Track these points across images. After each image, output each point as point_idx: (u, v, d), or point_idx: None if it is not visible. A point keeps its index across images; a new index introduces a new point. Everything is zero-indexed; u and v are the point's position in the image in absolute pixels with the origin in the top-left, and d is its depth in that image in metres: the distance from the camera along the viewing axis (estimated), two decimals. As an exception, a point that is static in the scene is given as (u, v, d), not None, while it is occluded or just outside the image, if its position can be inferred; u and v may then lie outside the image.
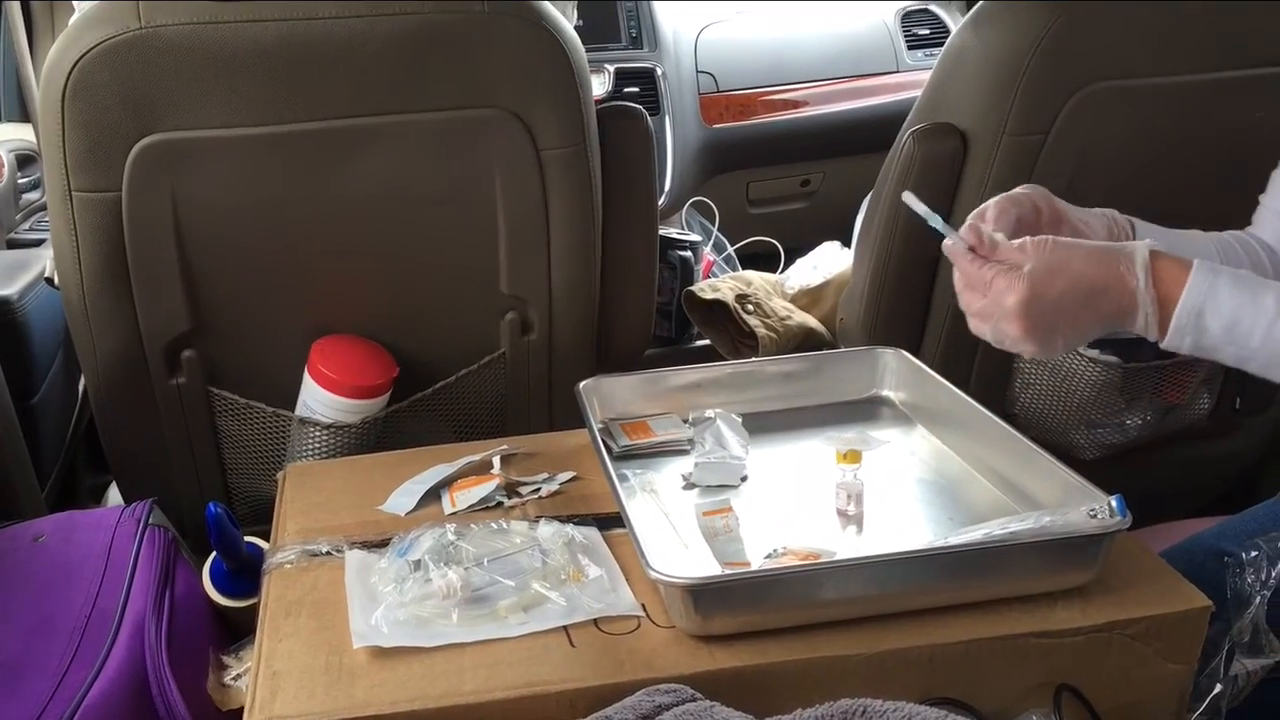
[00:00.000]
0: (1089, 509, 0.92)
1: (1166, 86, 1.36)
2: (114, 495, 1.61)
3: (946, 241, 0.98)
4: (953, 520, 1.02)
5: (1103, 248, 0.95)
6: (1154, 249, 0.94)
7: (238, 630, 1.13)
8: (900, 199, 1.02)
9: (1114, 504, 0.91)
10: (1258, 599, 0.96)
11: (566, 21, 1.32)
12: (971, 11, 1.45)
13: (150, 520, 1.17)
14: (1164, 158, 1.25)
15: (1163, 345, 0.94)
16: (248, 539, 1.14)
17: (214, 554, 1.13)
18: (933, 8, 2.77)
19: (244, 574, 1.12)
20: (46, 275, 1.36)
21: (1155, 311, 0.93)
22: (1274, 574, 0.96)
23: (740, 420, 1.14)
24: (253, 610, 1.00)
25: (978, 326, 0.98)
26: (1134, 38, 1.33)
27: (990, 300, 0.95)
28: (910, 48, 2.68)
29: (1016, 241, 0.95)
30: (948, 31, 2.65)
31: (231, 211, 1.26)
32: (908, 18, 2.72)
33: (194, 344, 1.32)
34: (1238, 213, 1.19)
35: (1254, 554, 0.97)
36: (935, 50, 2.50)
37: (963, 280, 0.98)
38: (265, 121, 1.22)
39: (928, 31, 2.71)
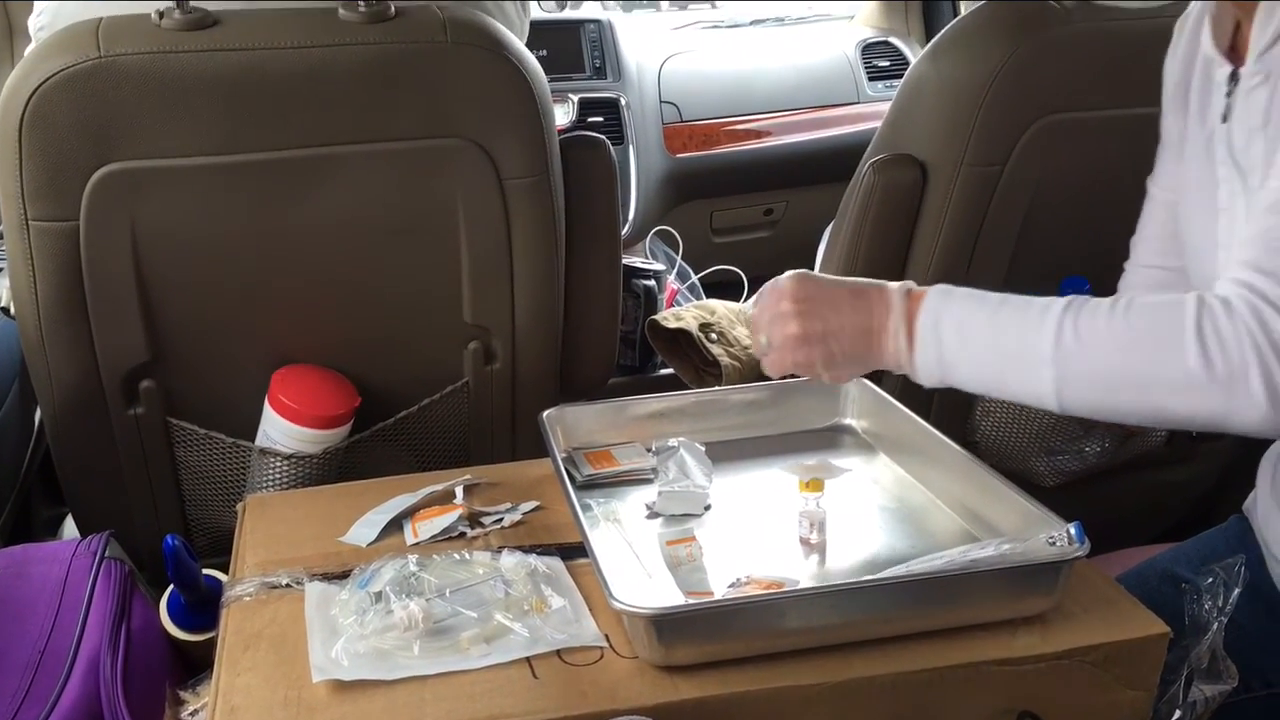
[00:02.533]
0: (1048, 536, 0.92)
1: (1119, 119, 1.39)
2: (70, 528, 1.59)
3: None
4: (915, 548, 1.03)
5: None
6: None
7: (196, 665, 1.12)
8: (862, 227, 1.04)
9: (1073, 531, 0.92)
10: (1215, 625, 0.97)
11: (528, 51, 1.33)
12: (930, 44, 1.47)
13: (107, 553, 1.15)
14: (1118, 189, 1.27)
15: (916, 370, 0.94)
16: (206, 571, 1.13)
17: (171, 587, 1.12)
18: (893, 40, 2.81)
19: (202, 607, 1.11)
20: (2, 305, 1.35)
21: (904, 332, 0.94)
22: (1231, 600, 0.97)
23: (704, 449, 1.14)
24: (211, 644, 0.99)
25: (762, 344, 1.00)
26: (1087, 71, 1.36)
27: (766, 304, 0.98)
28: (871, 79, 2.72)
29: None
30: (907, 63, 2.69)
31: (191, 241, 1.25)
32: (868, 49, 2.76)
33: (153, 374, 1.30)
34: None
35: (1210, 580, 0.98)
36: (895, 81, 2.53)
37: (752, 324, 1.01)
38: (226, 151, 1.21)
39: (888, 63, 2.75)
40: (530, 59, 1.32)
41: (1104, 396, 0.87)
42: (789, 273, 0.99)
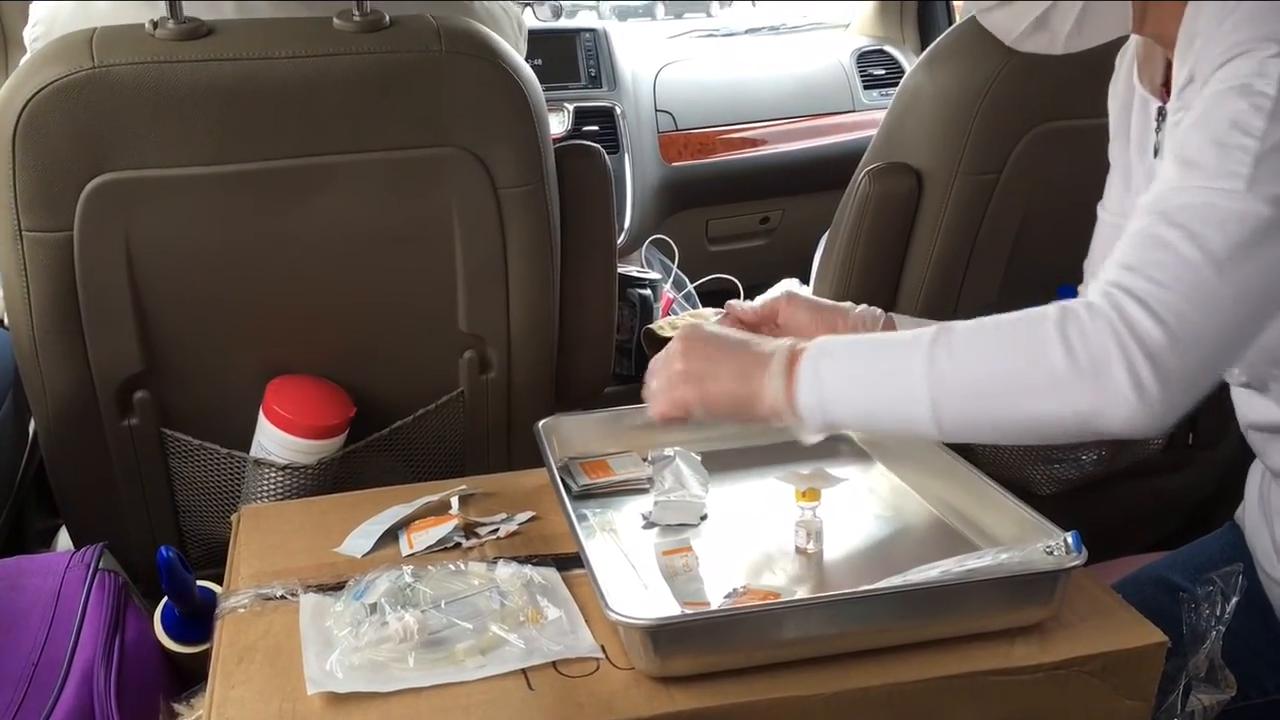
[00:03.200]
0: (1045, 545, 0.92)
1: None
2: (64, 539, 1.58)
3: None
4: (911, 557, 1.02)
5: None
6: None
7: (190, 677, 1.11)
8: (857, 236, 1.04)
9: (1069, 540, 0.91)
10: (1213, 634, 0.97)
11: (523, 60, 1.33)
12: (925, 53, 1.47)
13: (100, 565, 1.15)
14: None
15: (797, 402, 0.91)
16: (201, 583, 1.12)
17: (165, 599, 1.11)
18: (888, 48, 2.82)
19: (196, 619, 1.10)
20: (-4, 315, 1.34)
21: (781, 370, 0.92)
22: (1229, 609, 0.97)
23: (699, 459, 1.14)
24: (206, 656, 0.98)
25: (651, 388, 1.00)
26: (1081, 79, 1.36)
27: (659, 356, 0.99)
28: (866, 87, 2.72)
29: None
30: (902, 71, 2.70)
31: (185, 251, 1.25)
32: (863, 58, 2.76)
33: (147, 385, 1.30)
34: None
35: (1209, 589, 0.98)
36: (891, 90, 2.53)
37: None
38: (220, 161, 1.21)
39: (883, 71, 2.76)
40: (525, 68, 1.32)
41: (978, 408, 0.86)
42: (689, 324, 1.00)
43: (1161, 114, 1.01)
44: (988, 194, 1.40)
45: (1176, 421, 0.82)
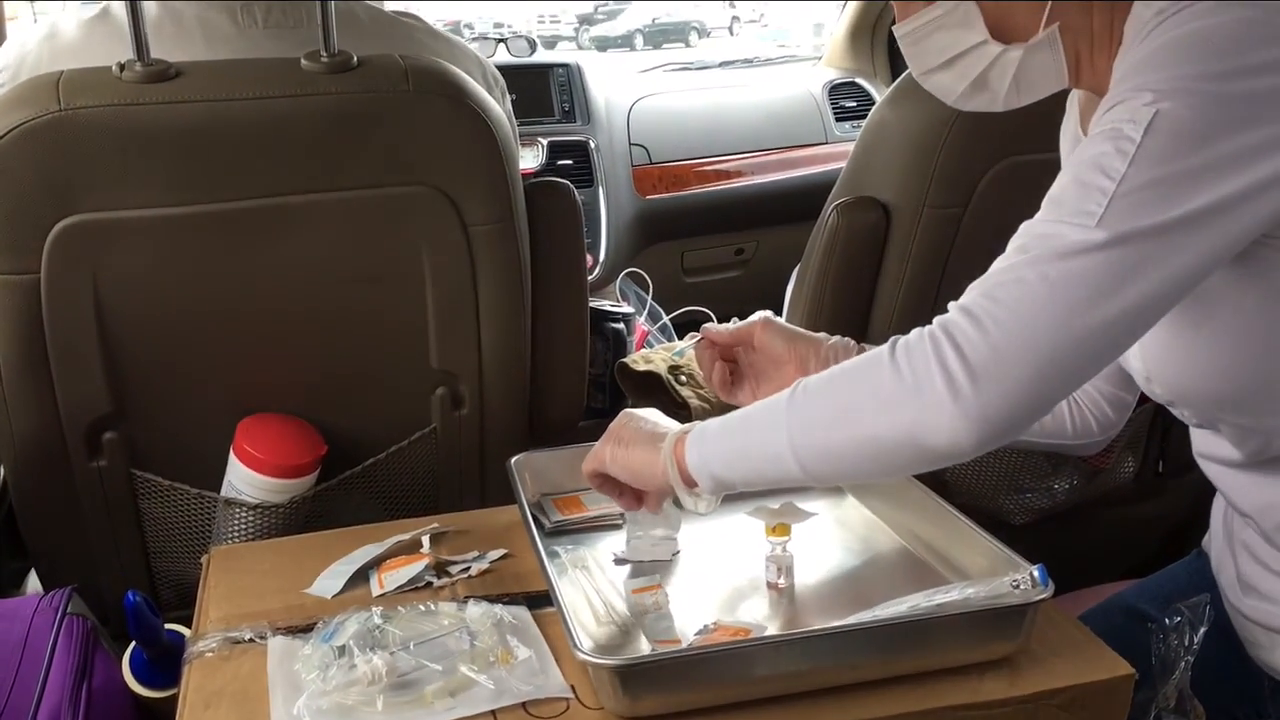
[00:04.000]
0: (1012, 579, 0.92)
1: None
2: (34, 581, 1.57)
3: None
4: (882, 591, 1.02)
5: None
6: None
7: (159, 722, 1.10)
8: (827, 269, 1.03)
9: (1036, 574, 0.92)
10: (1182, 664, 0.98)
11: (491, 99, 1.33)
12: (890, 89, 1.49)
13: (69, 609, 1.14)
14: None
15: (687, 461, 0.96)
16: (169, 626, 1.11)
17: (134, 643, 1.10)
18: (859, 80, 2.84)
19: (165, 663, 1.10)
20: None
21: (676, 439, 0.97)
22: (1197, 639, 0.97)
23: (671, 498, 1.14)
24: (174, 701, 0.97)
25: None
26: (1045, 113, 1.37)
27: None
28: (838, 119, 2.74)
29: None
30: (874, 103, 2.71)
31: (154, 292, 1.25)
32: (835, 90, 2.79)
33: (116, 426, 1.29)
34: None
35: (1177, 619, 0.98)
36: (862, 122, 2.56)
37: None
38: (188, 201, 1.21)
39: (855, 103, 2.78)
40: (493, 106, 1.32)
41: (824, 440, 0.88)
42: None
43: None
44: (954, 227, 1.41)
45: (1002, 440, 0.83)
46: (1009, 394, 0.82)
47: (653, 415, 1.04)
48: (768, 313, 1.21)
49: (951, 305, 0.86)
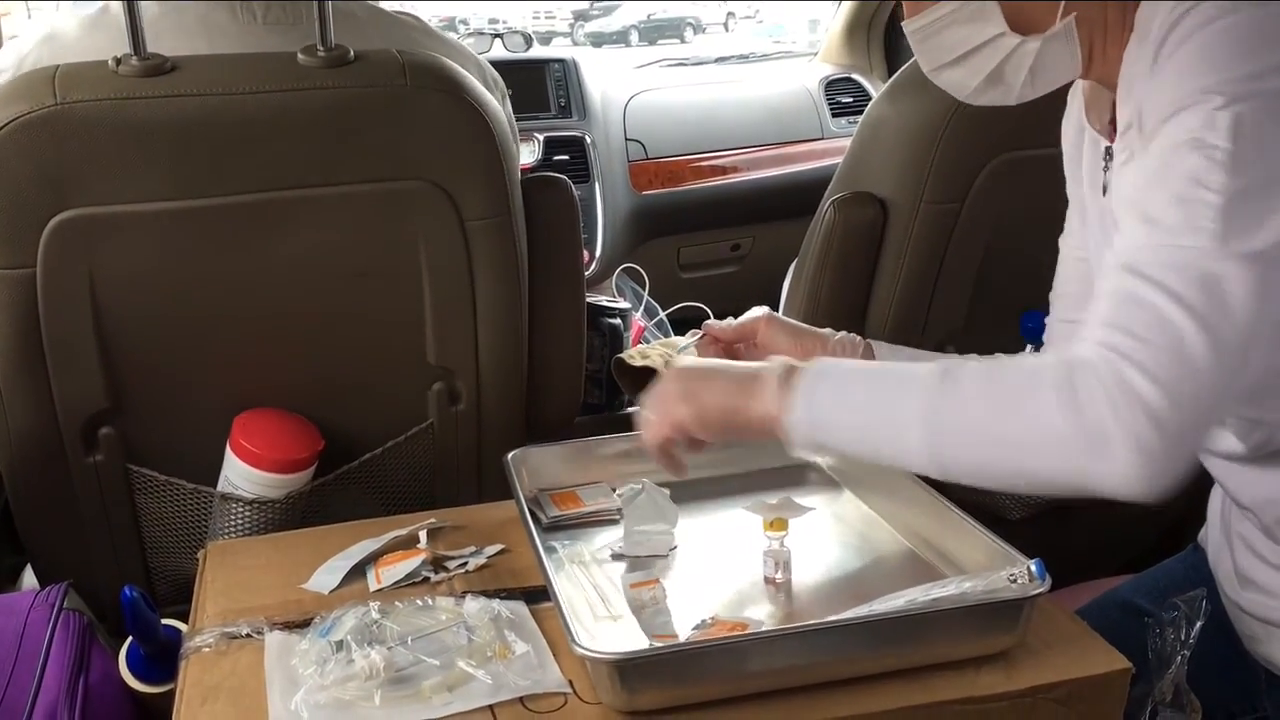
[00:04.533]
0: (1009, 573, 0.92)
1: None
2: (29, 577, 1.57)
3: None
4: (879, 585, 1.02)
5: None
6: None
7: (156, 717, 1.10)
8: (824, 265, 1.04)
9: (1033, 568, 0.92)
10: (1178, 658, 0.98)
11: (488, 93, 1.33)
12: (887, 84, 1.49)
13: (65, 604, 1.14)
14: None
15: (787, 420, 0.93)
16: (166, 622, 1.11)
17: (130, 638, 1.10)
18: (855, 76, 2.84)
19: (162, 658, 1.09)
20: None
21: (775, 384, 0.93)
22: (1193, 633, 0.97)
23: (668, 492, 1.14)
24: (171, 696, 0.97)
25: (648, 420, 1.00)
26: (1041, 109, 1.37)
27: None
28: (834, 115, 2.74)
29: None
30: (870, 99, 2.72)
31: (150, 287, 1.25)
32: (831, 85, 2.79)
33: (112, 421, 1.29)
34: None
35: (1173, 613, 0.98)
36: (858, 117, 2.56)
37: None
38: (184, 196, 1.21)
39: (851, 99, 2.78)
40: (490, 101, 1.32)
41: (977, 457, 0.87)
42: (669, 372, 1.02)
43: (1109, 153, 1.03)
44: (951, 222, 1.41)
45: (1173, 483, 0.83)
46: (1190, 443, 0.82)
47: (704, 361, 1.01)
48: (767, 309, 1.21)
49: (1103, 344, 0.83)
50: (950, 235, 1.42)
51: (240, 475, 1.31)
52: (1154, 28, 0.90)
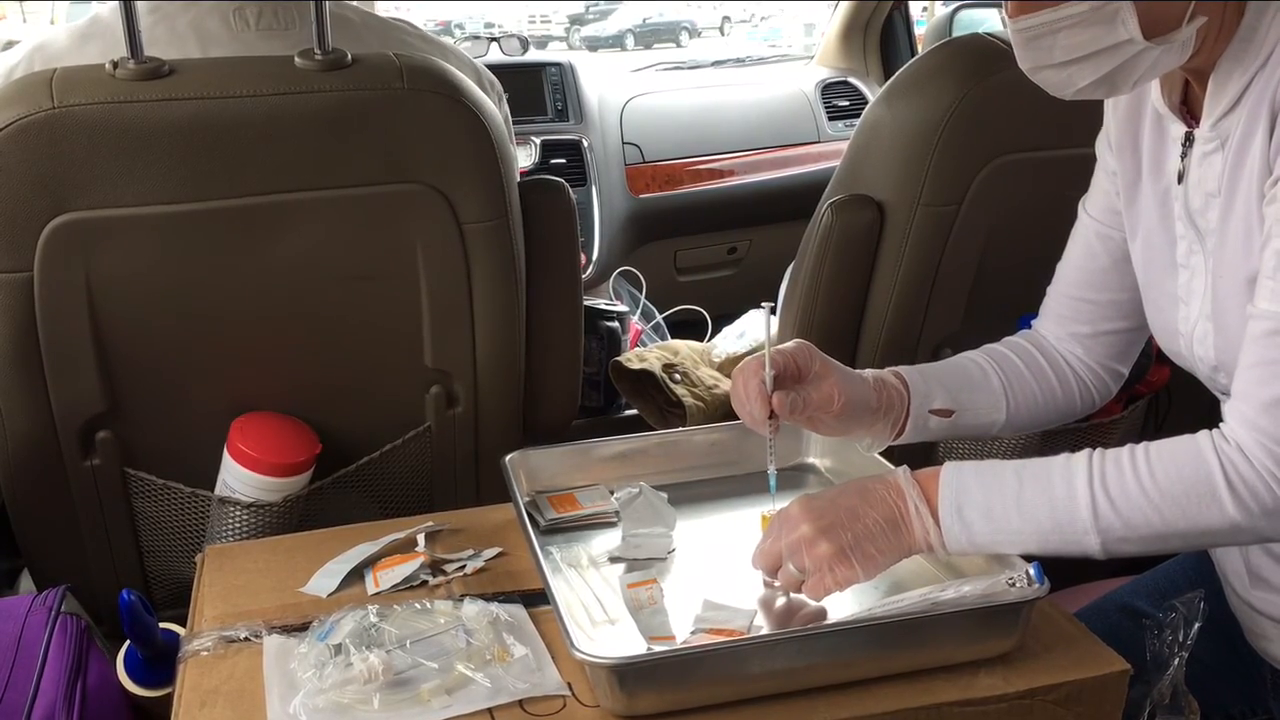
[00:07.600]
0: (1008, 577, 0.92)
1: (1070, 159, 1.40)
2: (27, 581, 1.57)
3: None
4: (877, 589, 1.03)
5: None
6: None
7: (153, 721, 1.10)
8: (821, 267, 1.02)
9: (1032, 572, 0.92)
10: (1177, 660, 0.98)
11: (485, 97, 1.33)
12: (884, 87, 1.49)
13: (63, 608, 1.13)
14: (1071, 227, 1.28)
15: (948, 549, 0.97)
16: (164, 626, 1.11)
17: (128, 642, 1.10)
18: (852, 79, 2.85)
19: (160, 662, 1.09)
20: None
21: (926, 512, 0.96)
22: (1191, 635, 0.97)
23: (666, 496, 1.14)
24: (169, 700, 0.97)
25: (783, 568, 0.99)
26: (1038, 112, 1.38)
27: (780, 535, 0.99)
28: (831, 118, 2.75)
29: None
30: (866, 102, 2.72)
31: (148, 290, 1.25)
32: (828, 89, 2.79)
33: (109, 425, 1.29)
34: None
35: (1172, 615, 0.98)
36: (854, 120, 2.56)
37: (762, 561, 1.01)
38: (182, 199, 1.21)
39: (847, 102, 2.79)
40: (487, 104, 1.32)
41: (1151, 547, 0.94)
42: (793, 501, 1.01)
43: (1189, 139, 1.01)
44: (948, 225, 1.41)
45: None
46: None
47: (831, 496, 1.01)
48: (761, 313, 1.19)
49: (1263, 434, 0.89)
50: (947, 238, 1.42)
51: (238, 479, 1.31)
52: (1269, 34, 0.91)
